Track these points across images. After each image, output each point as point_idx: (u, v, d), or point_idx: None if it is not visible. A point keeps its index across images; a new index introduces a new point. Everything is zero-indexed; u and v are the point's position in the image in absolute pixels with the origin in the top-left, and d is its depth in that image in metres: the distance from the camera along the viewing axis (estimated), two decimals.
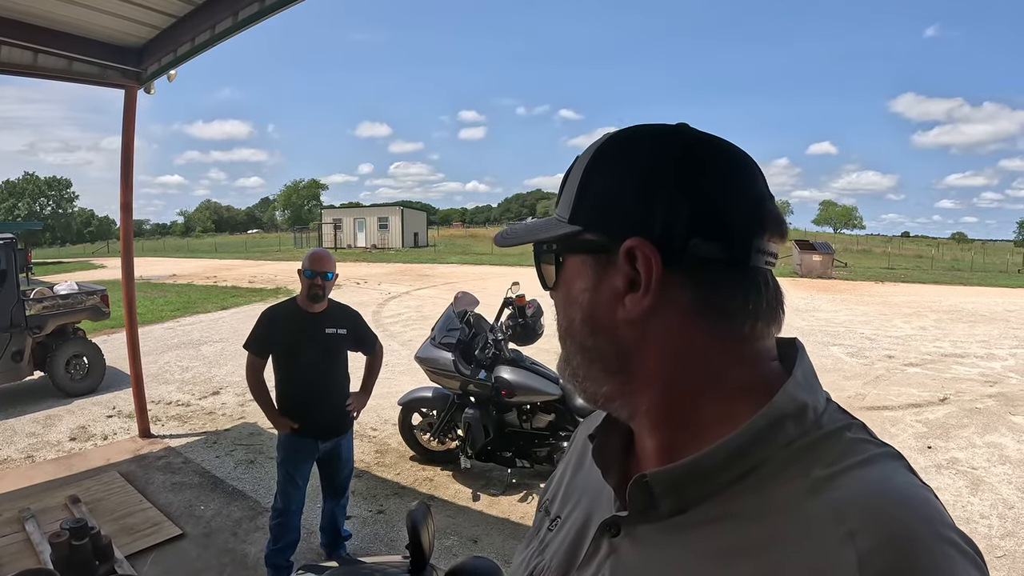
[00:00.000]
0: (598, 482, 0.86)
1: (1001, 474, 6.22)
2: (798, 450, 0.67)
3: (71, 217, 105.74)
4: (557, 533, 0.90)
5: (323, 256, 4.05)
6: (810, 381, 0.73)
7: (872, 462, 0.65)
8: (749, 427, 0.68)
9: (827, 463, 0.65)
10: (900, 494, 0.62)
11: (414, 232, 57.77)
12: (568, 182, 0.80)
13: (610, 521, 0.77)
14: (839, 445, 0.67)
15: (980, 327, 15.79)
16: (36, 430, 7.36)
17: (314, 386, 4.03)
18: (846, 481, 0.63)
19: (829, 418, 0.71)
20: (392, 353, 10.92)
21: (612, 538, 0.76)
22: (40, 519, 4.69)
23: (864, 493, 0.61)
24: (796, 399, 0.70)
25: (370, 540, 4.84)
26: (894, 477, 0.64)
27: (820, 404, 0.72)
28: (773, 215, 0.72)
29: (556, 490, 1.00)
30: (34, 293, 9.11)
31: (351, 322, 4.22)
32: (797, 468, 0.66)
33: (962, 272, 38.14)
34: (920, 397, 9.07)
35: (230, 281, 26.04)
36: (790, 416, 0.69)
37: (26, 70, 5.85)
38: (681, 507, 0.70)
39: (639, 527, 0.74)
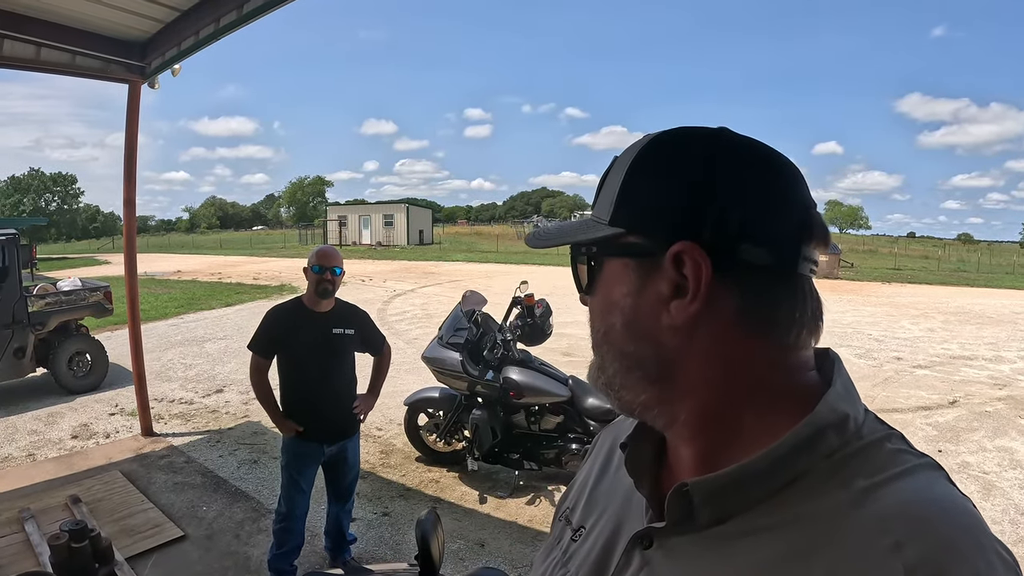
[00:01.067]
0: (626, 492, 0.85)
1: (1012, 479, 6.16)
2: (839, 461, 0.67)
3: (76, 213, 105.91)
4: (582, 544, 0.87)
5: (330, 252, 3.98)
6: (850, 391, 0.73)
7: (913, 472, 0.65)
8: (792, 437, 0.67)
9: (869, 474, 0.65)
10: (942, 504, 0.62)
11: (419, 229, 57.81)
12: (607, 183, 0.77)
13: (643, 533, 0.75)
14: (880, 456, 0.67)
15: (988, 329, 15.73)
16: (38, 428, 7.31)
17: (320, 388, 3.95)
18: (888, 492, 0.62)
19: (869, 428, 0.71)
20: (398, 351, 10.88)
21: (644, 550, 0.74)
22: (40, 520, 4.64)
23: (907, 504, 0.61)
24: (837, 409, 0.69)
25: (375, 543, 4.78)
26: (935, 487, 0.65)
27: (860, 415, 0.72)
28: (819, 223, 0.71)
29: (578, 499, 0.97)
30: (37, 289, 9.09)
31: (359, 322, 4.15)
32: (839, 479, 0.65)
33: (968, 273, 38.10)
34: (929, 400, 9.01)
35: (234, 278, 26.04)
36: (832, 426, 0.68)
37: (29, 64, 5.80)
38: (720, 518, 0.69)
39: (674, 539, 0.72)
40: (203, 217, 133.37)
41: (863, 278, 30.76)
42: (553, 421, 5.59)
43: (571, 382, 5.55)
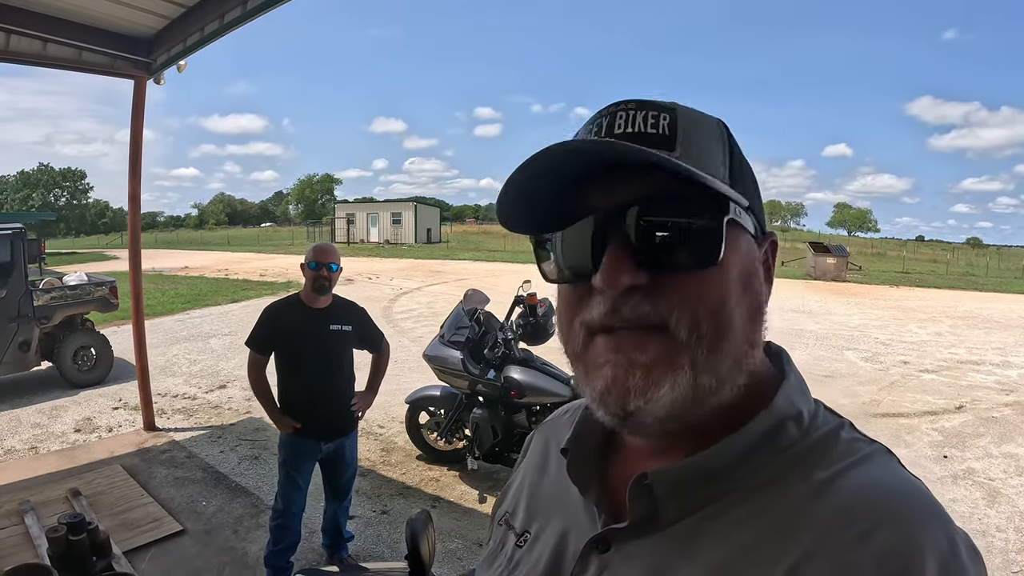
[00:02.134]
0: (569, 495, 0.82)
1: (1018, 486, 6.11)
2: (799, 453, 0.67)
3: (85, 208, 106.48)
4: (529, 551, 0.84)
5: (327, 248, 3.99)
6: (802, 383, 0.74)
7: (868, 459, 0.66)
8: (753, 428, 0.67)
9: (827, 464, 0.65)
10: (901, 490, 0.63)
11: (427, 228, 57.88)
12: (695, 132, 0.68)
13: (599, 537, 0.72)
14: (837, 446, 0.67)
15: (996, 334, 15.66)
16: (41, 421, 7.36)
17: (318, 385, 3.95)
18: (847, 481, 0.63)
19: (823, 419, 0.72)
20: (402, 349, 10.93)
21: (602, 554, 0.72)
22: (40, 512, 4.66)
23: (867, 491, 0.62)
24: (794, 401, 0.70)
25: (373, 541, 4.78)
26: (890, 473, 0.66)
27: (812, 405, 0.73)
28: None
29: (516, 502, 0.94)
30: (43, 283, 9.14)
31: (357, 318, 4.14)
32: (799, 471, 0.65)
33: (977, 277, 38.00)
34: (936, 404, 8.96)
35: (241, 274, 26.13)
36: (791, 418, 0.69)
37: (35, 59, 5.83)
38: (682, 513, 0.67)
39: (633, 539, 0.70)
40: (212, 213, 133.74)
41: (871, 281, 30.70)
42: None
43: (573, 382, 5.53)
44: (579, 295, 0.69)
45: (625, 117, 0.68)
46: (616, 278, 0.63)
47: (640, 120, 0.67)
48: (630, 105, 0.68)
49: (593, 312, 0.66)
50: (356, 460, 4.37)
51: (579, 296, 0.69)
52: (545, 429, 1.01)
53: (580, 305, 0.69)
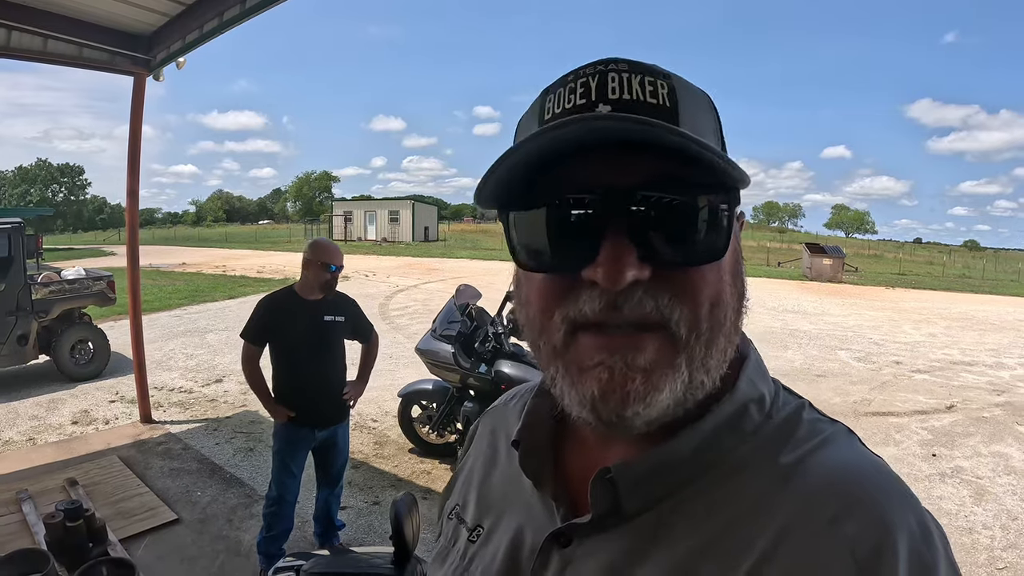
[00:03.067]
0: (521, 487, 0.78)
1: (1006, 484, 6.17)
2: (764, 437, 0.65)
3: (83, 204, 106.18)
4: (483, 546, 0.80)
5: (337, 249, 4.09)
6: (761, 364, 0.71)
7: (832, 441, 0.65)
8: (717, 415, 0.64)
9: (792, 448, 0.63)
10: (868, 472, 0.61)
11: (425, 226, 57.77)
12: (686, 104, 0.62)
13: (559, 531, 0.69)
14: (800, 428, 0.66)
15: (990, 335, 15.72)
16: (39, 413, 7.40)
17: (312, 374, 4.02)
18: (813, 464, 0.62)
19: (783, 400, 0.70)
20: (397, 345, 10.99)
21: (563, 548, 0.68)
22: (37, 501, 4.71)
23: (835, 475, 0.60)
24: (756, 384, 0.68)
25: (364, 531, 4.85)
26: (856, 454, 0.64)
27: (772, 386, 0.70)
28: None
29: (465, 495, 0.89)
30: (41, 277, 9.16)
31: (349, 310, 4.23)
32: (764, 456, 0.63)
33: (973, 279, 37.99)
34: (927, 404, 9.01)
35: (239, 271, 26.13)
36: (753, 401, 0.67)
37: (36, 56, 5.88)
38: (645, 506, 0.64)
39: (595, 533, 0.66)
40: (209, 210, 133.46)
41: (867, 282, 30.72)
42: None
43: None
44: (562, 286, 0.62)
45: (618, 79, 0.60)
46: (620, 273, 0.56)
47: (637, 85, 0.60)
48: (621, 66, 0.61)
49: (584, 307, 0.60)
50: (348, 448, 4.44)
51: (562, 287, 0.62)
52: (491, 417, 0.96)
53: (563, 297, 0.61)
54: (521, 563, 0.73)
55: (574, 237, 0.59)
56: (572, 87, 0.62)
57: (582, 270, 0.59)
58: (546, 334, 0.64)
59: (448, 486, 0.97)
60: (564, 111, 0.61)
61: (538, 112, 0.65)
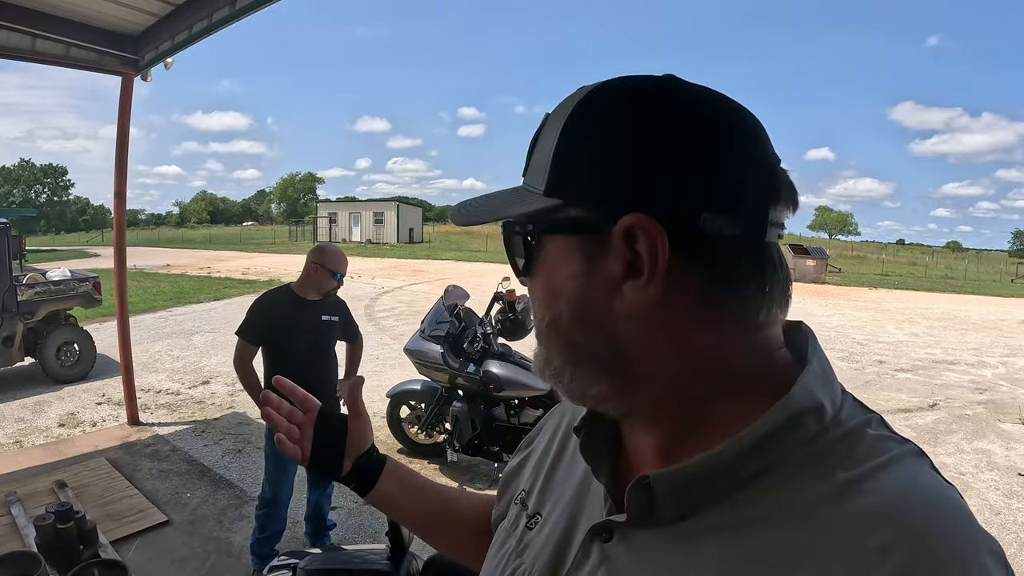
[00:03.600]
0: (582, 478, 0.79)
1: (988, 480, 6.27)
2: (819, 449, 0.61)
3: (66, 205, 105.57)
4: (538, 533, 0.81)
5: (344, 257, 4.17)
6: (827, 371, 0.67)
7: (897, 461, 0.59)
8: (764, 423, 0.61)
9: (851, 464, 0.59)
10: (928, 499, 0.57)
11: (409, 228, 57.72)
12: (540, 145, 0.68)
13: (602, 525, 0.69)
14: (862, 443, 0.61)
15: (972, 335, 15.88)
16: (25, 416, 7.36)
17: (309, 374, 3.97)
18: (873, 485, 0.57)
19: (849, 412, 0.65)
20: (383, 347, 10.97)
21: (604, 543, 0.68)
22: (26, 503, 4.68)
23: (894, 499, 0.56)
24: (814, 392, 0.63)
25: (355, 531, 4.85)
26: (920, 479, 0.59)
27: (838, 397, 0.65)
28: (786, 182, 0.64)
29: (533, 481, 0.90)
30: (26, 279, 9.10)
31: (342, 311, 4.28)
32: (818, 469, 0.59)
33: (955, 280, 38.30)
34: (910, 402, 9.10)
35: (224, 272, 26.01)
36: (809, 411, 0.62)
37: (24, 55, 5.83)
38: (685, 512, 0.63)
39: (636, 532, 0.66)
40: (193, 212, 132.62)
41: (850, 283, 30.93)
42: (532, 415, 5.63)
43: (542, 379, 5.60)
44: None
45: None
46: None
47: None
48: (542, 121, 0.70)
49: None
50: None
51: None
52: (563, 407, 0.97)
53: None
54: (569, 553, 0.74)
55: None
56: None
57: None
58: None
59: (512, 468, 1.00)
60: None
61: None
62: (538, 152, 0.68)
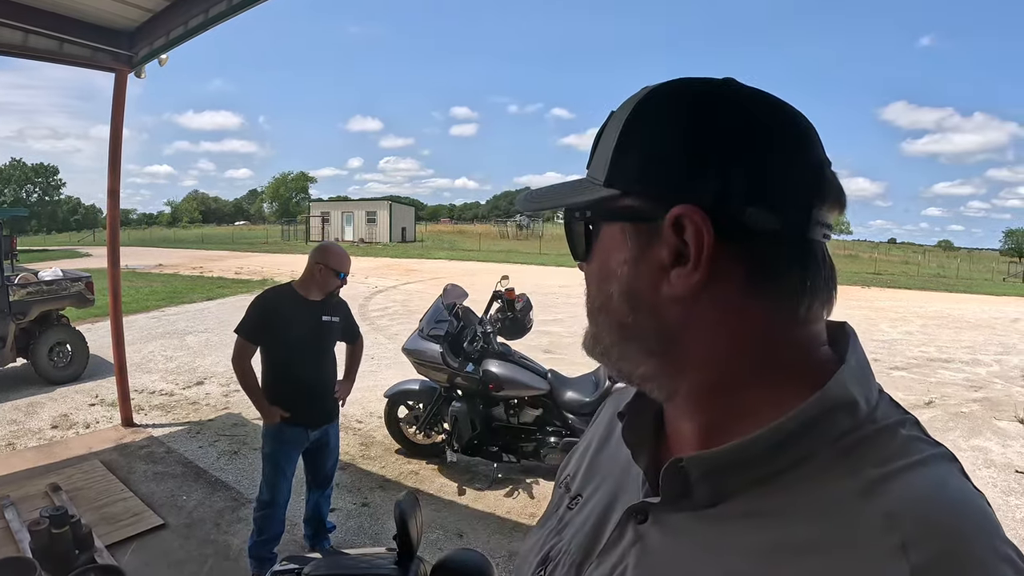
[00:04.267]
0: (624, 462, 0.82)
1: (986, 477, 6.30)
2: (850, 445, 0.62)
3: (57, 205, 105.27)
4: (578, 513, 0.85)
5: (348, 257, 4.11)
6: (864, 370, 0.68)
7: (927, 464, 0.61)
8: (798, 415, 0.63)
9: (880, 462, 0.60)
10: (954, 502, 0.58)
11: (402, 227, 57.71)
12: (603, 140, 0.71)
13: (638, 507, 0.73)
14: (894, 443, 0.63)
15: (966, 333, 15.98)
16: (17, 417, 7.28)
17: (309, 374, 4.01)
18: (900, 485, 0.58)
19: (883, 412, 0.66)
20: (378, 346, 10.92)
21: (639, 524, 0.72)
22: (20, 507, 4.63)
23: (919, 500, 0.57)
24: (849, 388, 0.65)
25: (354, 533, 4.81)
26: (949, 482, 0.61)
27: (873, 396, 0.67)
28: (833, 183, 0.67)
29: (578, 466, 0.95)
30: (18, 279, 9.00)
31: (342, 311, 4.24)
32: (848, 465, 0.61)
33: (948, 279, 38.53)
34: (906, 400, 8.93)
35: (216, 272, 25.91)
36: (843, 407, 0.64)
37: (16, 50, 5.78)
38: (717, 497, 0.66)
39: (669, 515, 0.69)
40: (185, 211, 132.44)
41: (843, 282, 30.33)
42: (532, 414, 5.61)
43: (550, 376, 5.59)
44: None
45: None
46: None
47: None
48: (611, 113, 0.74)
49: None
50: (339, 447, 4.43)
51: None
52: (616, 397, 0.99)
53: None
54: (604, 532, 0.77)
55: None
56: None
57: None
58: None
59: (567, 457, 1.02)
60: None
61: None
62: (601, 146, 0.71)
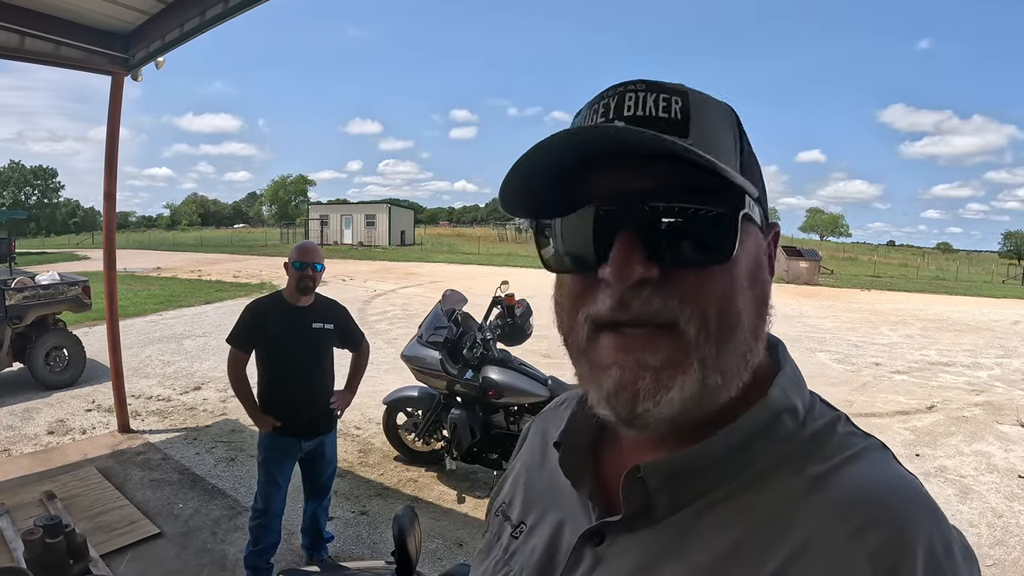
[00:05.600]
0: (564, 488, 0.80)
1: (989, 483, 6.26)
2: (795, 446, 0.66)
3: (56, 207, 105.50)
4: (525, 542, 0.83)
5: (311, 248, 3.97)
6: (797, 374, 0.73)
7: (864, 455, 0.65)
8: (748, 421, 0.66)
9: (823, 459, 0.64)
10: (896, 487, 0.62)
11: (401, 230, 57.84)
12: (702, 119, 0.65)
13: (595, 529, 0.71)
14: (832, 440, 0.67)
15: (966, 336, 15.98)
16: (13, 423, 7.24)
17: (299, 383, 3.94)
18: (843, 476, 0.62)
19: (819, 411, 0.71)
20: (377, 351, 10.83)
21: (596, 547, 0.71)
22: (14, 515, 4.59)
23: (863, 488, 0.61)
24: (789, 393, 0.69)
25: (353, 542, 4.77)
26: (887, 469, 0.65)
27: (807, 398, 0.72)
28: None
29: (513, 493, 0.92)
30: (14, 283, 8.96)
31: (338, 317, 4.14)
32: (794, 464, 0.64)
33: (947, 281, 38.58)
34: (907, 405, 9.13)
35: (214, 275, 25.91)
36: (787, 411, 0.68)
37: (12, 53, 5.77)
38: (676, 507, 0.66)
39: (628, 534, 0.69)
40: (184, 214, 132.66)
41: (842, 285, 31.15)
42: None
43: (551, 382, 5.54)
44: (584, 286, 0.66)
45: (634, 99, 0.65)
46: (627, 270, 0.60)
47: (651, 103, 0.65)
48: (639, 86, 0.66)
49: (600, 305, 0.63)
50: (336, 458, 4.36)
51: (584, 287, 0.66)
52: (542, 419, 0.99)
53: (585, 297, 0.65)
54: (557, 559, 0.75)
55: (592, 240, 0.64)
56: (595, 108, 0.68)
57: (599, 270, 0.63)
58: (573, 333, 0.68)
59: (499, 483, 0.99)
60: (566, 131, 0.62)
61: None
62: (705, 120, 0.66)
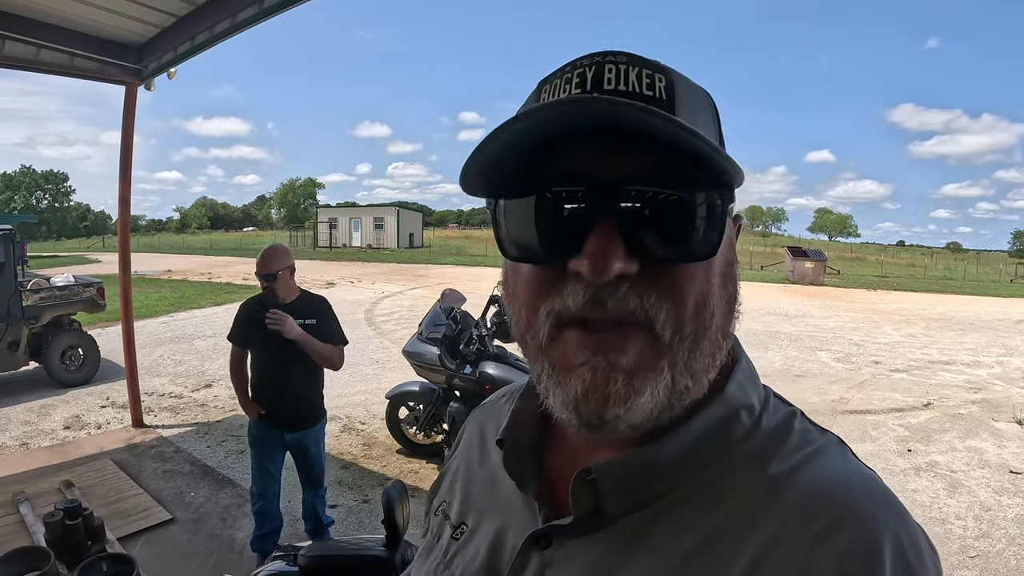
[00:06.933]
0: (505, 486, 0.76)
1: (979, 478, 6.28)
2: (753, 445, 0.63)
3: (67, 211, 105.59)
4: (465, 545, 0.78)
5: (267, 254, 4.09)
6: (752, 370, 0.70)
7: (823, 452, 0.63)
8: (705, 419, 0.63)
9: (783, 456, 0.61)
10: (858, 484, 0.60)
11: (410, 232, 57.76)
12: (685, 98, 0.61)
13: (542, 531, 0.67)
14: (791, 436, 0.64)
15: (969, 335, 15.93)
16: (31, 419, 7.46)
17: (280, 376, 4.08)
18: (804, 474, 0.60)
19: (774, 407, 0.68)
20: (383, 350, 11.01)
21: (543, 550, 0.66)
22: (34, 502, 4.76)
23: (826, 487, 0.59)
24: (746, 389, 0.66)
25: (355, 528, 4.96)
26: (847, 465, 0.63)
27: (763, 392, 0.69)
28: None
29: (452, 491, 0.87)
30: (31, 284, 9.20)
31: (321, 313, 4.20)
32: (753, 464, 0.61)
33: (954, 281, 38.27)
34: (904, 402, 9.14)
35: (224, 278, 26.07)
36: (744, 407, 0.65)
37: (28, 64, 5.97)
38: (628, 509, 0.63)
39: (577, 537, 0.65)
40: (193, 217, 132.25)
41: (849, 285, 30.92)
42: None
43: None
44: (547, 278, 0.60)
45: (615, 71, 0.59)
46: (606, 265, 0.54)
47: (634, 77, 0.58)
48: (620, 58, 0.60)
49: (568, 301, 0.58)
50: (322, 453, 4.41)
51: (547, 279, 0.60)
52: (480, 414, 0.95)
53: (549, 290, 0.59)
54: (501, 563, 0.71)
55: (562, 228, 0.57)
56: (568, 77, 0.60)
57: (568, 262, 0.57)
58: (532, 329, 0.62)
59: (436, 483, 0.94)
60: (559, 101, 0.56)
61: (535, 101, 0.64)
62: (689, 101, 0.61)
